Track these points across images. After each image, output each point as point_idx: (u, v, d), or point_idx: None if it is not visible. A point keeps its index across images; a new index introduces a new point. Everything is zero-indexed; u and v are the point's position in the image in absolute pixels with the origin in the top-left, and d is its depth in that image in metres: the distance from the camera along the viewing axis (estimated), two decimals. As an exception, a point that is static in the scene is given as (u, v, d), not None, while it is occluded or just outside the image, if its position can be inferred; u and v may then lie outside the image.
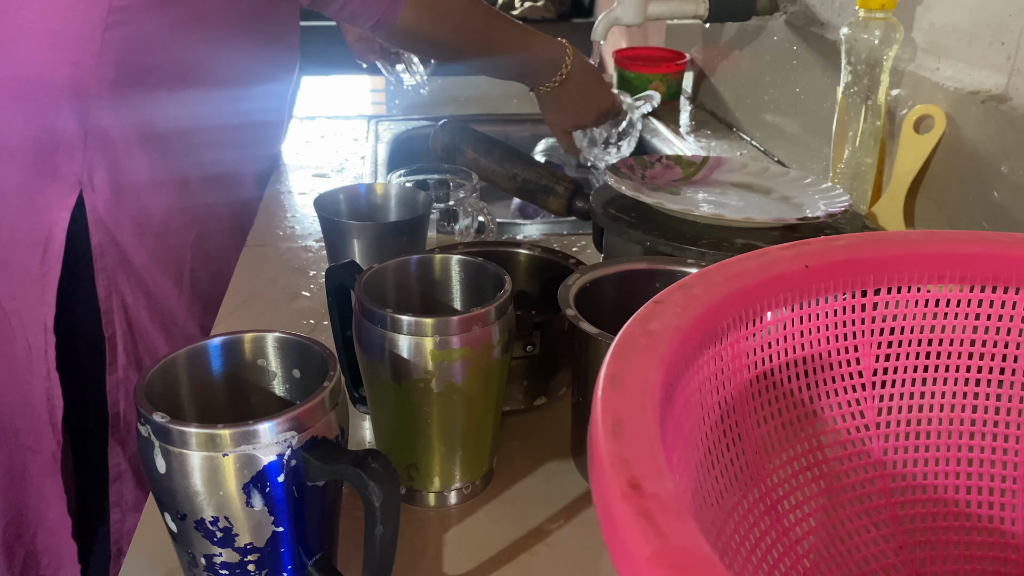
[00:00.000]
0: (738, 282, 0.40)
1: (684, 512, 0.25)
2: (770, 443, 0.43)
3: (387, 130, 1.38)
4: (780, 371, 0.44)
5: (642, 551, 0.24)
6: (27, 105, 0.84)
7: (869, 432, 0.46)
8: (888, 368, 0.46)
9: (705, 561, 0.24)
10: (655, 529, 0.24)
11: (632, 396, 0.31)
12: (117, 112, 0.86)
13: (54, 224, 0.86)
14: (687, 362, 0.37)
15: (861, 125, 0.91)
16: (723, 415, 0.41)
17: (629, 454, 0.27)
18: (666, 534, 0.24)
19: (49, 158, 0.85)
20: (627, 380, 0.31)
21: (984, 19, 0.80)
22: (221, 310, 0.83)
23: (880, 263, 0.44)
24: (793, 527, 0.43)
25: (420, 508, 0.58)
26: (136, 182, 0.90)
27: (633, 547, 0.24)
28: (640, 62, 1.49)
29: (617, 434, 0.28)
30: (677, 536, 0.24)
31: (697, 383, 0.38)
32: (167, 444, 0.42)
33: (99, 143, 0.86)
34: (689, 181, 0.88)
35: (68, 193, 0.86)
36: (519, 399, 0.68)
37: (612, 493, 0.26)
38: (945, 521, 0.46)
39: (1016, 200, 0.75)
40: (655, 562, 0.24)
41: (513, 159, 0.88)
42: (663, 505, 0.25)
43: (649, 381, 0.32)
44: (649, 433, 0.29)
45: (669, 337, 0.35)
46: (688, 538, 0.24)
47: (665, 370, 0.33)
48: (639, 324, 0.35)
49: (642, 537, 0.24)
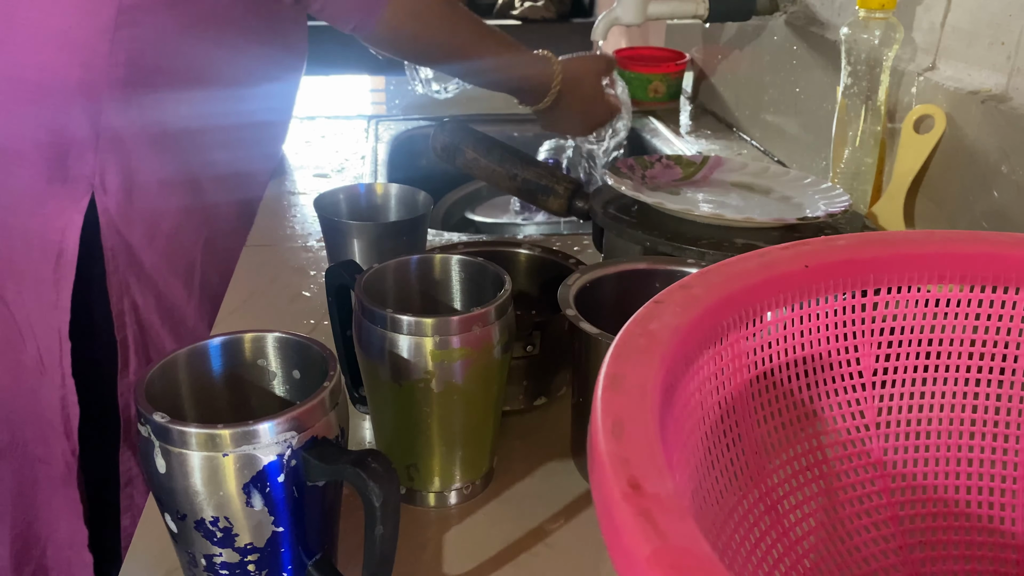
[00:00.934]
0: (738, 282, 0.40)
1: (684, 512, 0.25)
2: (770, 443, 0.43)
3: (387, 130, 1.38)
4: (780, 371, 0.44)
5: (642, 551, 0.24)
6: (38, 108, 0.83)
7: (869, 432, 0.46)
8: (888, 368, 0.46)
9: (705, 561, 0.24)
10: (655, 529, 0.24)
11: (632, 396, 0.31)
12: (127, 113, 0.86)
13: (67, 228, 0.86)
14: (687, 362, 0.37)
15: (861, 125, 0.91)
16: (723, 415, 0.41)
17: (629, 454, 0.27)
18: (666, 534, 0.24)
19: (61, 161, 0.85)
20: (627, 380, 0.31)
21: (984, 19, 0.80)
22: (221, 310, 0.83)
23: (880, 263, 0.44)
24: (793, 527, 0.43)
25: (420, 508, 0.58)
26: (147, 183, 0.89)
27: (633, 547, 0.24)
28: (640, 62, 1.49)
29: (617, 434, 0.28)
30: (677, 536, 0.24)
31: (697, 383, 0.38)
32: (167, 444, 0.42)
33: (110, 144, 0.86)
34: (689, 181, 0.88)
35: (80, 196, 0.86)
36: (519, 399, 0.68)
37: (612, 493, 0.26)
38: (945, 521, 0.46)
39: (1016, 200, 0.75)
40: (655, 562, 0.24)
41: (513, 159, 0.88)
42: (663, 505, 0.25)
43: (649, 381, 0.32)
44: (649, 433, 0.29)
45: (669, 337, 0.35)
46: (688, 538, 0.24)
47: (665, 370, 0.33)
48: (639, 324, 0.35)
49: (642, 537, 0.24)
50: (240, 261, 0.93)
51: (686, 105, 1.52)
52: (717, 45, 1.43)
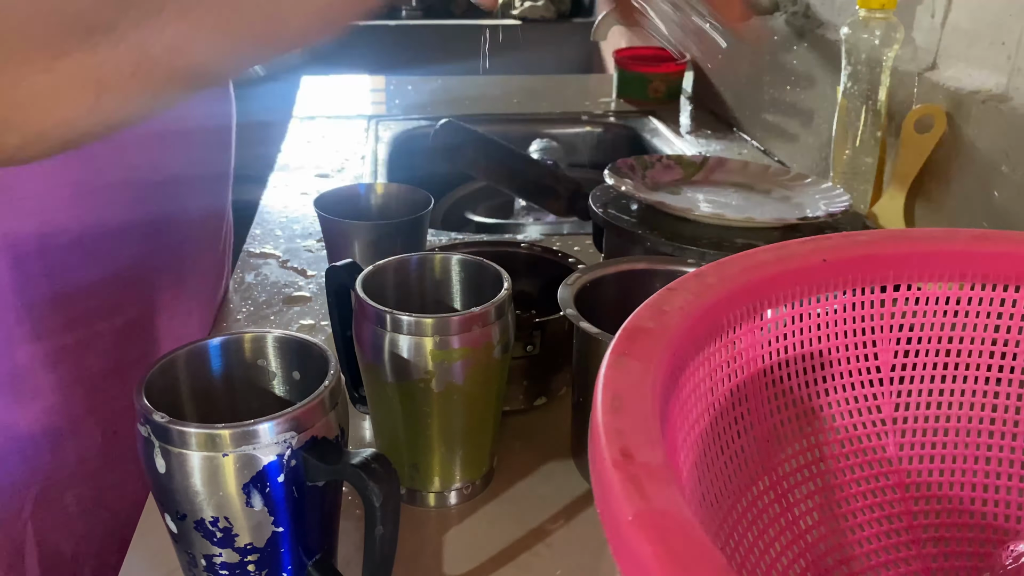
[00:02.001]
0: (754, 273, 0.41)
1: (670, 480, 0.26)
2: (781, 434, 0.44)
3: (387, 130, 1.38)
4: (794, 363, 0.44)
5: (626, 513, 0.25)
6: None
7: (886, 427, 0.46)
8: (907, 364, 0.46)
9: (685, 524, 0.25)
10: (640, 493, 0.26)
11: (634, 374, 0.32)
12: None
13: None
14: (697, 348, 0.37)
15: (861, 125, 0.91)
16: (734, 403, 0.41)
17: (624, 426, 0.29)
18: (650, 498, 0.26)
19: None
20: (632, 359, 0.33)
21: (984, 19, 0.80)
22: (221, 310, 0.83)
23: (900, 260, 0.44)
24: (802, 517, 0.43)
25: (420, 508, 0.58)
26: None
27: (618, 509, 0.26)
28: (640, 62, 1.50)
29: (616, 408, 0.30)
30: (661, 500, 0.25)
31: (708, 370, 0.39)
32: (167, 444, 0.42)
33: None
34: (690, 181, 0.88)
35: None
36: (519, 399, 0.68)
37: (604, 461, 0.27)
38: (960, 519, 0.46)
39: (1017, 200, 0.75)
40: (637, 523, 0.25)
41: (514, 159, 0.88)
42: (651, 472, 0.27)
43: (653, 361, 0.33)
44: (646, 409, 0.30)
45: (678, 322, 0.35)
46: (671, 502, 0.25)
47: (671, 353, 0.34)
48: (650, 308, 0.36)
49: (627, 500, 0.26)
50: (239, 261, 0.93)
51: (686, 105, 1.52)
52: (717, 45, 1.43)
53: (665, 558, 0.24)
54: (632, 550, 0.24)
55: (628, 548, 0.25)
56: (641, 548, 0.24)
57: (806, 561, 0.43)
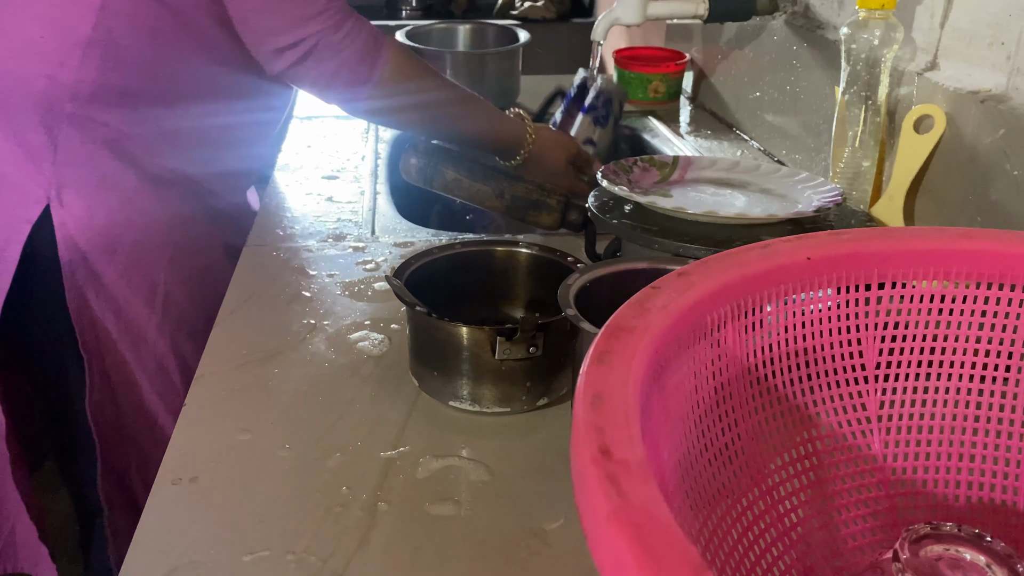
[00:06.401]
0: (738, 271, 0.41)
1: (648, 477, 0.27)
2: (767, 431, 0.44)
3: (387, 130, 1.38)
4: (779, 361, 0.44)
5: (603, 509, 0.26)
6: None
7: (871, 425, 0.46)
8: (892, 362, 0.46)
9: (661, 521, 0.25)
10: (618, 490, 0.26)
11: (616, 372, 0.32)
12: (90, 129, 0.84)
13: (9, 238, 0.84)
14: (680, 346, 0.38)
15: (861, 125, 0.91)
16: (718, 401, 0.41)
17: (604, 424, 0.29)
18: (627, 495, 0.26)
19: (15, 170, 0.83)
20: (613, 357, 0.33)
21: (984, 19, 0.80)
22: (221, 310, 0.83)
23: (884, 258, 0.44)
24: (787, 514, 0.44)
25: (420, 508, 0.58)
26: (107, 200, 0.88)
27: (596, 505, 0.26)
28: (640, 62, 1.50)
29: (596, 405, 0.30)
30: (638, 497, 0.26)
31: (692, 368, 0.39)
32: None
33: (70, 158, 0.84)
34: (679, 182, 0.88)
35: (31, 206, 0.84)
36: (522, 400, 0.68)
37: (584, 458, 0.28)
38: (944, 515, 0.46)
39: (1016, 199, 0.75)
40: (614, 519, 0.25)
41: (498, 176, 0.84)
42: (629, 470, 0.27)
43: (635, 359, 0.33)
44: (626, 406, 0.30)
45: (661, 320, 0.36)
46: (648, 499, 0.26)
47: (653, 351, 0.34)
48: (632, 306, 0.36)
49: (604, 497, 0.26)
50: (240, 261, 0.93)
51: (686, 105, 1.52)
52: (717, 45, 1.43)
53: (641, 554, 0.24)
54: (608, 546, 0.25)
55: (604, 544, 0.25)
56: (617, 544, 0.24)
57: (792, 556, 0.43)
